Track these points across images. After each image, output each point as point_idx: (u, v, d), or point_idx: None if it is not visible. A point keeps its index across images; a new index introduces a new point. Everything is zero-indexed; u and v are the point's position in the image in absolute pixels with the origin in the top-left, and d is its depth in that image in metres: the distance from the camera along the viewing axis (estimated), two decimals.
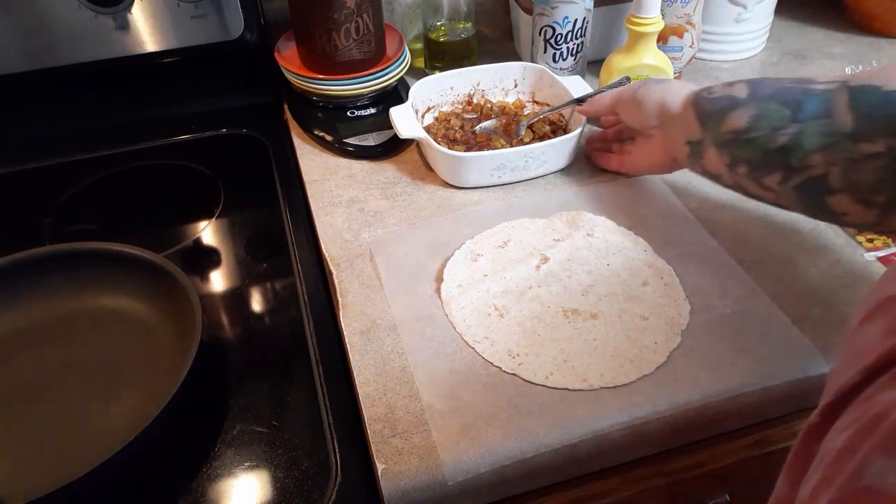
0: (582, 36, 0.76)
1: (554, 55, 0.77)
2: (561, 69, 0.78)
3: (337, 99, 0.74)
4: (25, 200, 0.73)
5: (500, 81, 0.76)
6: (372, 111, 0.75)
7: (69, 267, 0.56)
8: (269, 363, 0.53)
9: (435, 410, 0.47)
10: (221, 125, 0.81)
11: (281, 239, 0.65)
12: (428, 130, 0.70)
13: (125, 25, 0.73)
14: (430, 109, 0.75)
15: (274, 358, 0.54)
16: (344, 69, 0.72)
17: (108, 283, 0.56)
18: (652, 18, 0.69)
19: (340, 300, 0.55)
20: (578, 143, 0.68)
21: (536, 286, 0.55)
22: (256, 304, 0.59)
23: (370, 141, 0.71)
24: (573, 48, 0.76)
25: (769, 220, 0.61)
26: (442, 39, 0.82)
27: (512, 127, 0.73)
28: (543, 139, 0.69)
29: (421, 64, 0.86)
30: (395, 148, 0.72)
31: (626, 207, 0.63)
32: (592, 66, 0.82)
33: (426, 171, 0.69)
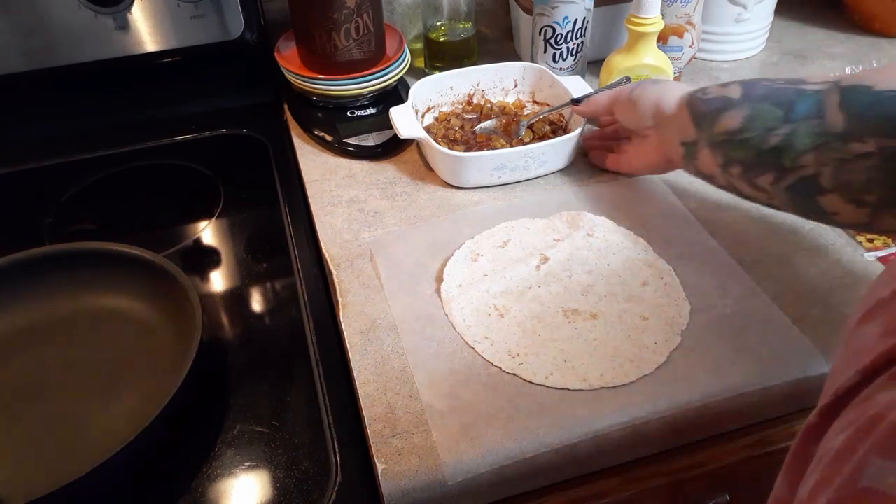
0: (582, 36, 0.76)
1: (554, 55, 0.77)
2: (561, 69, 0.78)
3: (337, 99, 0.74)
4: (25, 200, 0.73)
5: (500, 81, 0.76)
6: (372, 111, 0.75)
7: (69, 267, 0.56)
8: (269, 363, 0.53)
9: (435, 410, 0.47)
10: (221, 125, 0.81)
11: (281, 239, 0.65)
12: (428, 130, 0.70)
13: (125, 25, 0.73)
14: (430, 109, 0.75)
15: (274, 358, 0.54)
16: (344, 69, 0.72)
17: (108, 283, 0.56)
18: (652, 18, 0.69)
19: (340, 300, 0.55)
20: (578, 143, 0.68)
21: (536, 286, 0.55)
22: (256, 304, 0.59)
23: (370, 141, 0.71)
24: (573, 48, 0.77)
25: (769, 220, 0.61)
26: (442, 39, 0.82)
27: (512, 127, 0.73)
28: (543, 139, 0.69)
29: (421, 64, 0.86)
30: (395, 148, 0.72)
31: (626, 207, 0.63)
32: (592, 66, 0.82)
33: (426, 171, 0.69)
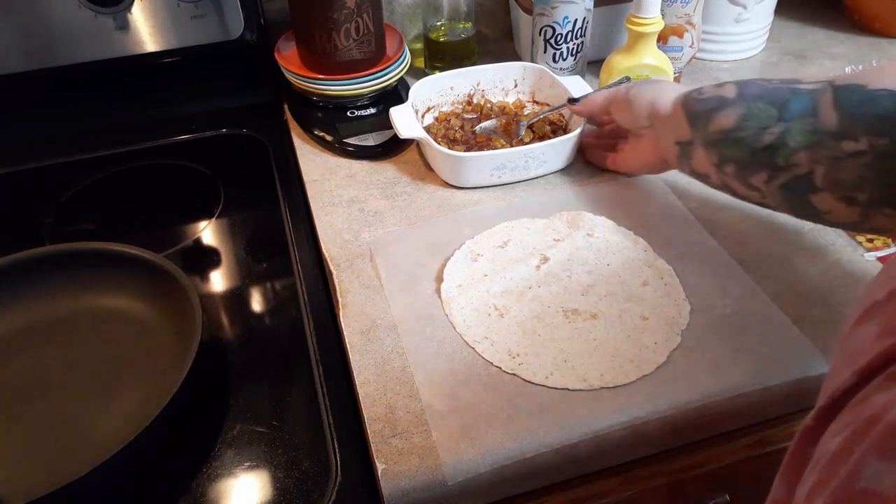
0: (582, 36, 0.76)
1: (554, 55, 0.77)
2: (561, 69, 0.78)
3: (337, 99, 0.74)
4: (25, 200, 0.73)
5: (500, 81, 0.76)
6: (372, 111, 0.75)
7: (69, 267, 0.56)
8: (269, 363, 0.53)
9: (435, 410, 0.47)
10: (221, 125, 0.81)
11: (281, 239, 0.65)
12: (428, 130, 0.70)
13: (125, 25, 0.73)
14: (430, 109, 0.75)
15: (274, 358, 0.54)
16: (344, 69, 0.72)
17: (108, 283, 0.56)
18: (652, 18, 0.69)
19: (340, 300, 0.55)
20: (578, 143, 0.68)
21: (536, 286, 0.55)
22: (256, 304, 0.59)
23: (370, 141, 0.71)
24: (573, 48, 0.77)
25: (769, 220, 0.61)
26: (442, 39, 0.82)
27: (512, 127, 0.73)
28: (543, 139, 0.69)
29: (421, 64, 0.86)
30: (395, 148, 0.72)
31: (626, 207, 0.63)
32: (592, 66, 0.82)
33: (426, 171, 0.69)
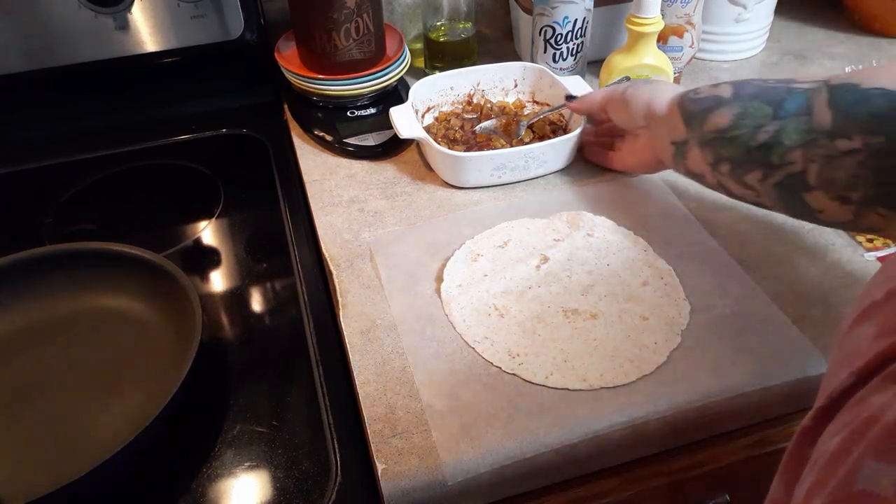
0: (582, 36, 0.76)
1: (554, 55, 0.77)
2: (561, 69, 0.78)
3: (337, 99, 0.74)
4: (25, 200, 0.73)
5: (500, 81, 0.76)
6: (372, 111, 0.75)
7: (69, 267, 0.56)
8: (269, 363, 0.54)
9: (435, 410, 0.47)
10: (221, 125, 0.81)
11: (281, 239, 0.65)
12: (428, 130, 0.70)
13: (125, 25, 0.73)
14: (430, 109, 0.75)
15: (274, 358, 0.54)
16: (344, 69, 0.72)
17: (108, 283, 0.56)
18: (652, 18, 0.68)
19: (340, 300, 0.55)
20: (578, 143, 0.68)
21: (536, 286, 0.55)
22: (256, 304, 0.59)
23: (370, 141, 0.71)
24: (573, 48, 0.77)
25: (769, 220, 0.61)
26: (442, 39, 0.82)
27: (512, 127, 0.73)
28: (543, 139, 0.69)
29: (421, 64, 0.86)
30: (395, 148, 0.72)
31: (626, 207, 0.63)
32: (592, 66, 0.82)
33: (426, 171, 0.69)
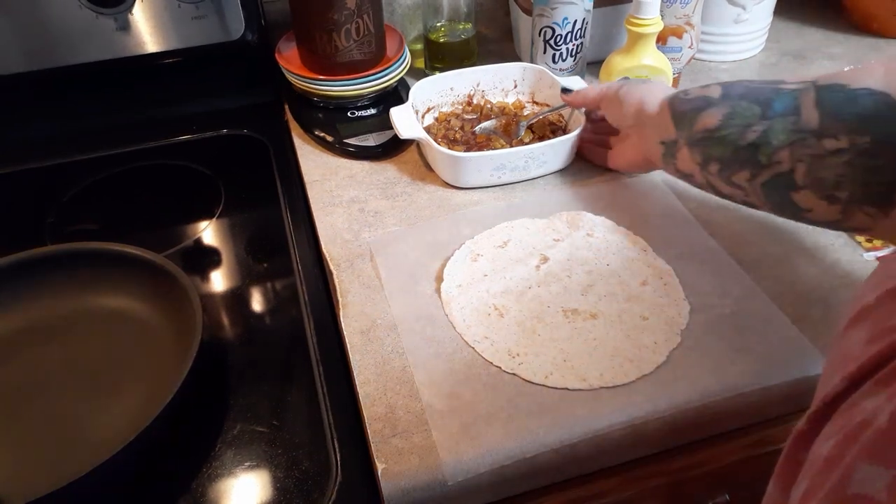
0: (581, 37, 0.76)
1: (553, 56, 0.77)
2: (560, 70, 0.78)
3: (337, 99, 0.74)
4: (27, 200, 0.73)
5: (499, 82, 0.76)
6: (372, 112, 0.75)
7: (70, 267, 0.56)
8: (269, 363, 0.54)
9: (435, 410, 0.47)
10: (222, 125, 0.81)
11: (281, 239, 0.65)
12: (428, 131, 0.70)
13: (126, 26, 0.73)
14: (430, 110, 0.75)
15: (274, 358, 0.54)
16: (344, 70, 0.72)
17: (108, 283, 0.56)
18: (651, 19, 0.69)
19: (341, 300, 0.55)
20: (578, 143, 0.68)
21: (536, 286, 0.55)
22: (257, 304, 0.59)
23: (370, 141, 0.72)
24: (573, 49, 0.77)
25: (768, 220, 0.61)
26: (442, 40, 0.82)
27: (512, 127, 0.73)
28: (543, 139, 0.69)
29: (421, 65, 0.86)
30: (395, 148, 0.72)
31: (626, 207, 0.63)
32: (592, 66, 0.82)
33: (426, 171, 0.70)
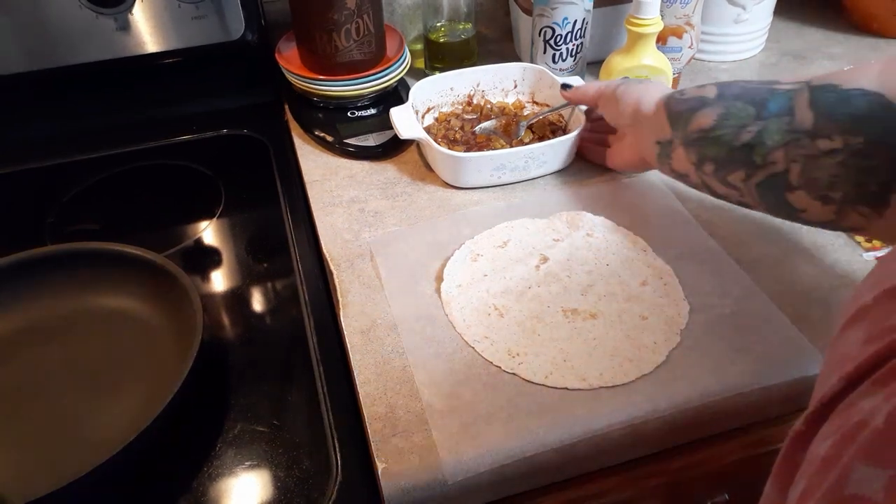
0: (581, 37, 0.76)
1: (553, 56, 0.77)
2: (561, 70, 0.78)
3: (337, 99, 0.75)
4: (27, 200, 0.73)
5: (499, 82, 0.77)
6: (372, 112, 0.75)
7: (70, 267, 0.56)
8: (269, 363, 0.54)
9: (435, 410, 0.47)
10: (222, 125, 0.81)
11: (281, 239, 0.65)
12: (428, 131, 0.70)
13: (126, 26, 0.73)
14: (430, 110, 0.75)
15: (274, 357, 0.54)
16: (344, 70, 0.72)
17: (108, 283, 0.56)
18: (651, 19, 0.69)
19: (341, 300, 0.55)
20: (578, 143, 0.68)
21: (536, 286, 0.55)
22: (257, 303, 0.59)
23: (370, 141, 0.72)
24: (573, 49, 0.77)
25: (768, 220, 0.61)
26: (442, 40, 0.82)
27: (512, 127, 0.73)
28: (543, 140, 0.69)
29: (421, 65, 0.86)
30: (395, 148, 0.72)
31: (625, 207, 0.63)
32: (592, 66, 0.82)
33: (426, 171, 0.70)
